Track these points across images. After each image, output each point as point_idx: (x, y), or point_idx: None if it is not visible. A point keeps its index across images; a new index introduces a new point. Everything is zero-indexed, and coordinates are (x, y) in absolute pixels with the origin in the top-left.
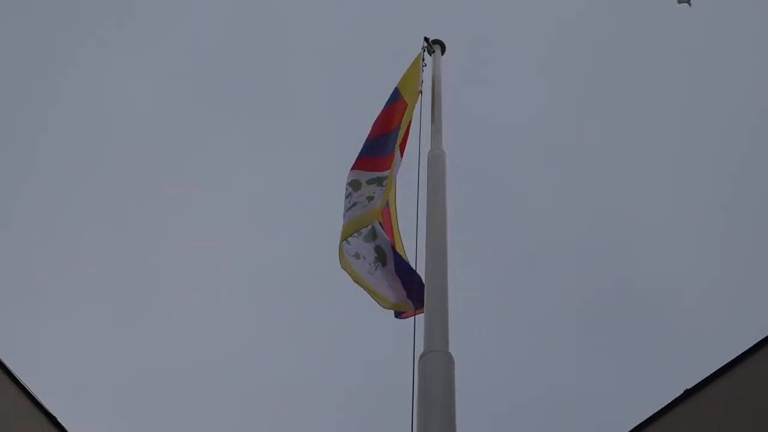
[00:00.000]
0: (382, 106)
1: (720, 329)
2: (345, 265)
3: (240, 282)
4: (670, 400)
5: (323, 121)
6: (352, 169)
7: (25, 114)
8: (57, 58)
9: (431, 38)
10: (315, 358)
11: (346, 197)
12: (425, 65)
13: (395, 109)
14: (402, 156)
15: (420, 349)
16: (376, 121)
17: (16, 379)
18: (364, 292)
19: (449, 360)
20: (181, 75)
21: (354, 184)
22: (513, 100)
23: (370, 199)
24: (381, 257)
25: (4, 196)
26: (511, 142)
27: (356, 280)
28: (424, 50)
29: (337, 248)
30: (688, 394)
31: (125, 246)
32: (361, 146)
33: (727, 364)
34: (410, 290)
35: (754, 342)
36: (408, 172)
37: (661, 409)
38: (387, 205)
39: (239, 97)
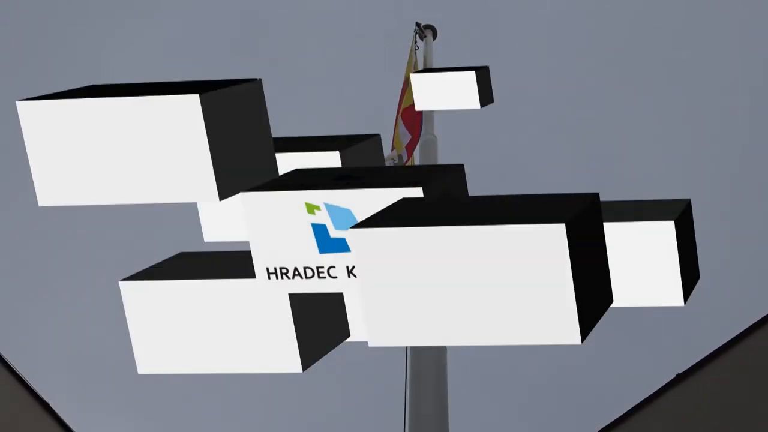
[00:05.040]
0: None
1: (723, 319)
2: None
3: None
4: (662, 385)
5: (326, 105)
6: None
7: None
8: (58, 46)
9: (423, 23)
10: None
11: None
12: (417, 48)
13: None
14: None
15: None
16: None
17: (8, 365)
18: None
19: None
20: (183, 57)
21: None
22: (513, 85)
23: None
24: None
25: (7, 183)
26: (513, 129)
27: None
28: (416, 34)
29: None
30: (680, 378)
31: (128, 235)
32: None
33: (715, 350)
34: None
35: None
36: None
37: (654, 393)
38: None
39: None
